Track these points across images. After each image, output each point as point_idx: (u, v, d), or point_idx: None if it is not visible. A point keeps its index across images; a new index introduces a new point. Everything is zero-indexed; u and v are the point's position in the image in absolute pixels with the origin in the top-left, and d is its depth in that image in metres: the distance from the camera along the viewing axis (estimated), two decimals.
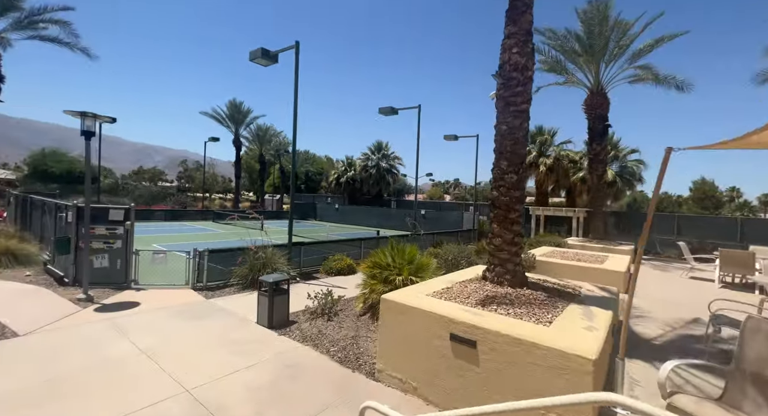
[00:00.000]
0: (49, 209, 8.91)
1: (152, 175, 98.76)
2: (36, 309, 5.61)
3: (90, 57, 14.55)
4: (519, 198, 4.28)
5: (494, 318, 3.32)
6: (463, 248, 9.28)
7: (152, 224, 21.80)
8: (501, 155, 4.35)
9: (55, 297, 6.25)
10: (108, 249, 7.15)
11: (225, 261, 7.90)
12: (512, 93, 4.17)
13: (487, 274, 4.49)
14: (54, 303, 5.93)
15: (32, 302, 5.94)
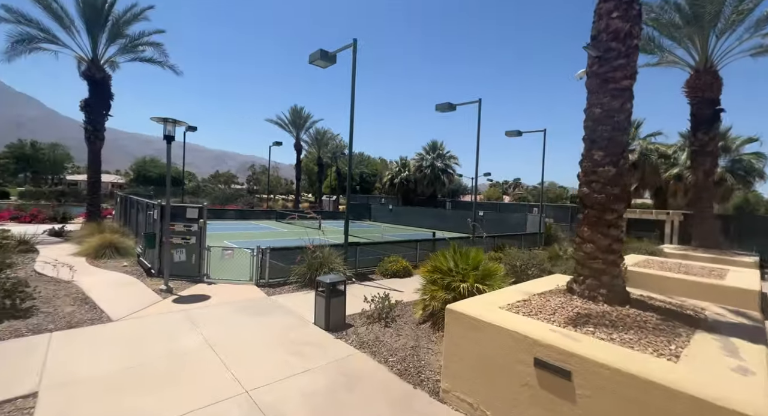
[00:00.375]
0: (142, 208, 10.08)
1: (226, 178, 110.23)
2: (127, 297, 6.23)
3: (177, 73, 16.45)
4: (618, 196, 3.49)
5: (593, 344, 2.66)
6: (533, 254, 8.32)
7: (224, 222, 23.95)
8: (593, 144, 3.59)
9: (143, 286, 6.93)
10: (185, 244, 7.76)
11: (285, 258, 8.09)
12: (611, 67, 3.41)
13: (575, 287, 3.75)
14: (141, 293, 6.55)
15: (125, 291, 6.63)
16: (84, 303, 5.69)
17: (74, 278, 6.97)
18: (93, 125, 13.71)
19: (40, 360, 3.86)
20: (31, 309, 5.10)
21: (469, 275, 4.99)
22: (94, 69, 13.60)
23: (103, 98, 13.97)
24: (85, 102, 13.69)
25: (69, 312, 5.25)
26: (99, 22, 13.41)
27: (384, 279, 9.04)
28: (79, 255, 9.23)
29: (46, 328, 4.69)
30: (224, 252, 7.83)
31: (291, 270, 7.92)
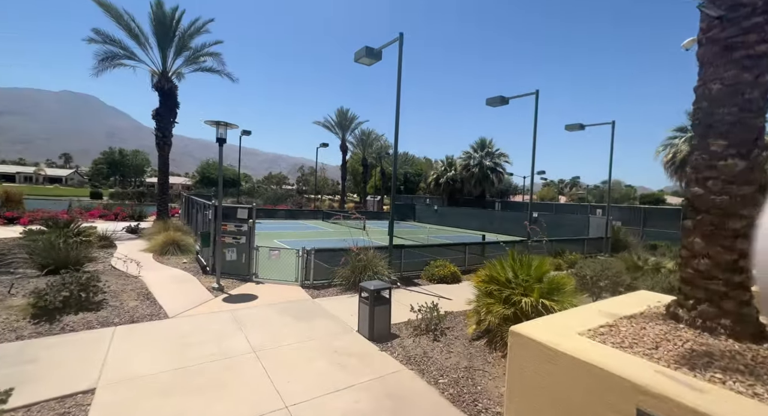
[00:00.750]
0: (199, 208, 10.73)
1: (278, 179, 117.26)
2: (183, 295, 6.53)
3: (232, 80, 17.55)
4: (749, 197, 2.66)
5: (728, 398, 1.97)
6: (606, 262, 7.22)
7: (275, 221, 25.10)
8: (710, 130, 2.80)
9: (197, 284, 7.25)
10: (236, 243, 8.02)
11: (329, 260, 7.99)
12: (740, 29, 2.60)
13: (681, 313, 2.98)
14: (196, 290, 6.84)
15: (182, 288, 6.98)
16: (146, 298, 6.04)
17: (140, 274, 7.53)
18: (162, 132, 15.07)
19: (102, 355, 4.06)
20: (101, 303, 5.51)
21: (532, 288, 4.33)
22: (163, 81, 14.93)
23: (171, 107, 15.29)
24: (156, 111, 15.09)
25: (133, 307, 5.58)
26: (168, 37, 14.69)
27: (430, 285, 8.55)
28: (147, 252, 10.07)
29: (112, 322, 5.00)
30: (271, 252, 7.95)
31: (335, 273, 7.80)
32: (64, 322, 4.81)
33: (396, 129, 8.64)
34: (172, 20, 14.52)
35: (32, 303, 4.85)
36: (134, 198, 38.66)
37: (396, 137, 8.74)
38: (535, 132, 11.79)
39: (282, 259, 8.14)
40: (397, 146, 8.96)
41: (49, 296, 4.90)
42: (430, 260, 9.52)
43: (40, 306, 4.83)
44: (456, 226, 26.97)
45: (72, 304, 5.09)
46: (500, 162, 30.43)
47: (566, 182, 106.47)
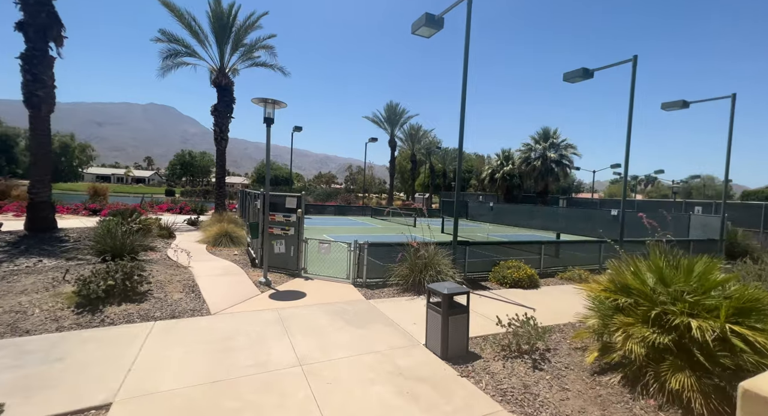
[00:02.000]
0: (251, 199, 10.49)
1: (327, 179, 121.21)
2: (228, 288, 6.02)
3: (285, 74, 17.58)
4: None
5: None
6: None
7: (325, 217, 25.06)
8: None
9: (244, 277, 6.74)
10: (284, 235, 7.41)
11: (384, 256, 7.03)
12: None
13: None
14: (242, 285, 6.30)
15: (229, 281, 6.50)
16: (191, 291, 5.60)
17: (190, 264, 7.26)
18: (219, 127, 15.44)
19: (131, 358, 3.49)
20: (146, 294, 5.13)
21: (703, 305, 2.84)
22: (220, 77, 15.28)
23: (228, 103, 15.61)
24: (214, 107, 15.51)
25: (176, 300, 5.12)
26: (225, 33, 14.98)
27: (502, 289, 7.16)
28: (202, 242, 10.05)
29: (152, 316, 4.53)
30: (320, 245, 7.20)
31: (390, 270, 6.81)
32: (105, 313, 4.44)
33: (462, 107, 7.37)
34: (228, 16, 14.76)
35: (76, 292, 4.56)
36: (200, 195, 41.98)
37: (462, 121, 7.46)
38: (632, 109, 9.63)
39: (332, 254, 7.37)
40: (462, 132, 7.67)
41: (93, 284, 4.57)
42: (499, 260, 8.10)
43: (83, 294, 4.51)
44: (514, 225, 24.54)
45: (116, 294, 4.74)
46: (567, 154, 27.05)
47: (640, 178, 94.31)
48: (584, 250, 9.83)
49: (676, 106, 12.99)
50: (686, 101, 12.86)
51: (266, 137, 6.43)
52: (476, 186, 57.65)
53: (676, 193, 23.49)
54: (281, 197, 7.51)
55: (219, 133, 15.53)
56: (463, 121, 7.39)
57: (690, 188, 44.94)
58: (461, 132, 7.44)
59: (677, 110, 12.64)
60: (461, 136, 7.44)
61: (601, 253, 9.85)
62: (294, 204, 7.41)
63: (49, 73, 9.92)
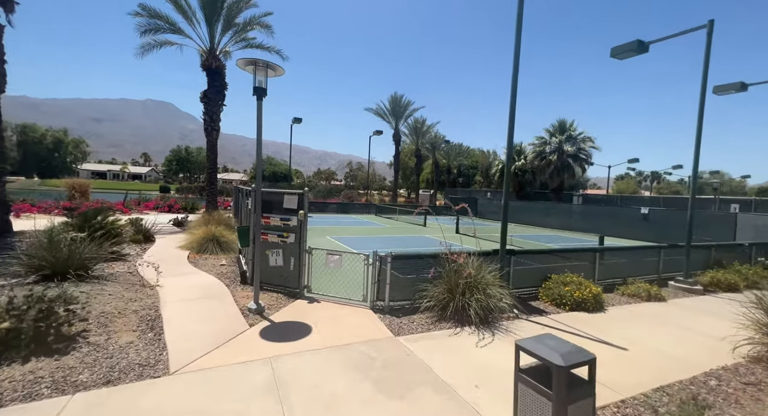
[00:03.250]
0: (243, 196, 8.84)
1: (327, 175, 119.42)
2: (204, 321, 4.38)
3: (283, 58, 15.85)
4: None
5: None
6: None
7: (326, 215, 23.42)
8: None
9: (229, 302, 5.10)
10: (281, 243, 5.78)
11: (411, 269, 5.40)
12: None
13: None
14: (224, 314, 4.67)
15: (207, 308, 4.86)
16: (149, 329, 3.97)
17: (160, 282, 5.61)
18: (210, 115, 13.74)
19: None
20: (76, 339, 3.50)
21: None
22: (211, 59, 13.55)
23: (219, 88, 13.89)
24: (204, 93, 13.80)
25: (122, 347, 3.50)
26: (215, 9, 13.24)
27: (561, 313, 5.55)
28: (184, 248, 8.41)
29: (74, 382, 2.91)
30: (329, 256, 5.57)
31: (420, 288, 5.20)
32: None
33: (514, 89, 5.71)
34: None
35: None
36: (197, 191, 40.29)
37: (512, 105, 5.79)
38: (704, 85, 7.97)
39: (344, 266, 5.75)
40: (513, 117, 6.00)
41: None
42: (549, 274, 6.49)
43: None
44: (529, 223, 22.92)
45: (22, 344, 3.10)
46: (585, 148, 25.32)
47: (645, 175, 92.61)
48: (631, 256, 8.12)
49: (731, 89, 11.24)
50: (744, 83, 11.11)
51: (257, 113, 4.76)
52: (480, 182, 55.99)
53: (716, 190, 21.78)
54: (278, 195, 5.87)
55: (209, 123, 13.83)
56: (514, 104, 5.73)
57: (702, 184, 43.33)
58: (512, 117, 5.78)
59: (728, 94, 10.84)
60: (511, 122, 5.78)
61: (660, 260, 8.23)
62: (294, 203, 5.77)
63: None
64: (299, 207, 5.73)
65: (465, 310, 4.72)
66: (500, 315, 4.99)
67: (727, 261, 8.81)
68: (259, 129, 4.77)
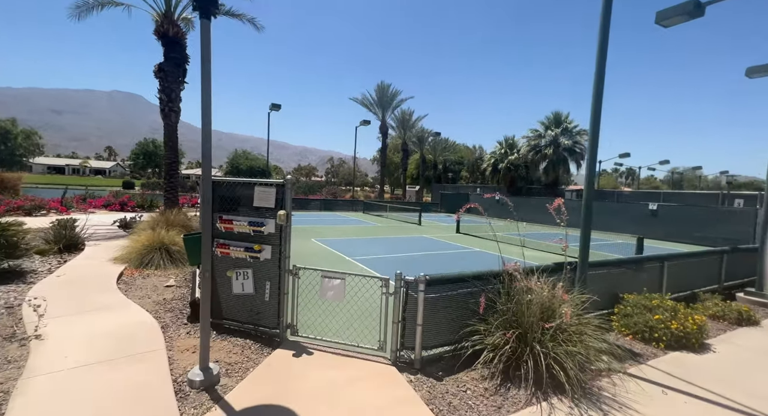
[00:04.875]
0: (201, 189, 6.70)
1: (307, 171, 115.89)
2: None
3: (258, 28, 13.54)
4: None
5: None
6: None
7: (309, 213, 21.25)
8: None
9: (158, 367, 3.06)
10: (252, 261, 3.80)
11: (445, 296, 3.57)
12: None
13: None
14: (141, 401, 2.65)
15: (111, 387, 2.83)
16: None
17: (40, 330, 3.48)
18: (167, 94, 11.29)
19: None
20: None
21: None
22: (167, 24, 11.08)
23: (178, 62, 11.45)
24: (159, 67, 11.31)
25: None
26: None
27: (656, 353, 3.91)
28: (120, 261, 6.20)
29: None
30: (325, 283, 3.63)
31: (467, 327, 3.41)
32: None
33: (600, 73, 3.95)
34: None
35: None
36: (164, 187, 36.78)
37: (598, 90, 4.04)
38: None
39: (349, 290, 3.84)
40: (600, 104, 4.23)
41: None
42: (620, 293, 4.86)
43: None
44: (525, 221, 21.67)
45: None
46: (581, 141, 24.34)
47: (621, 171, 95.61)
48: (689, 263, 6.66)
49: (762, 72, 10.03)
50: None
51: (201, 39, 2.74)
52: (467, 178, 55.05)
53: (730, 184, 21.24)
54: (246, 187, 3.87)
55: (167, 103, 11.38)
56: (600, 89, 4.00)
57: (682, 180, 44.20)
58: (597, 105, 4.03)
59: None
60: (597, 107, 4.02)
61: (723, 268, 6.82)
62: (270, 199, 3.79)
63: None
64: (279, 205, 3.76)
65: (549, 368, 2.95)
66: (594, 368, 3.26)
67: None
68: (207, 57, 2.74)
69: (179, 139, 12.38)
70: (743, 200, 17.63)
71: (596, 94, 4.08)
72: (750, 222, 12.98)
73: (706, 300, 5.73)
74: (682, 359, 3.82)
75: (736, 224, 13.46)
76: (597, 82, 4.08)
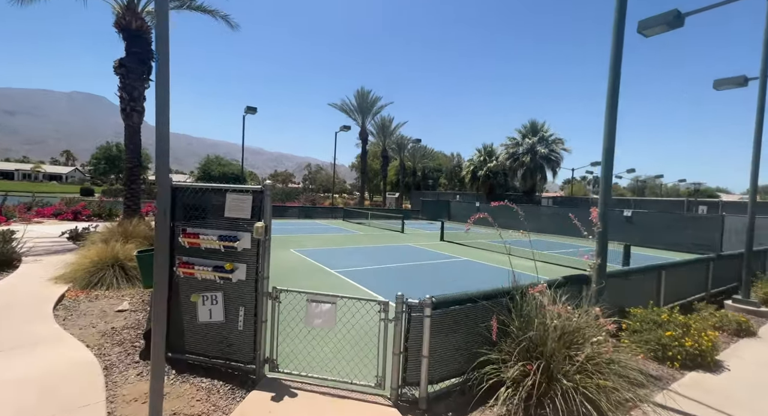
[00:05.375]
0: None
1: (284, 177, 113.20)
2: None
3: (231, 25, 12.78)
4: None
5: None
6: None
7: (287, 221, 20.35)
8: None
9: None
10: (222, 283, 3.17)
11: (451, 320, 3.10)
12: None
13: None
14: None
15: None
16: None
17: None
18: (129, 92, 10.30)
19: None
20: None
21: None
22: (129, 16, 10.16)
23: (142, 58, 10.51)
24: (120, 62, 10.32)
25: None
26: None
27: (672, 374, 3.63)
28: (62, 281, 5.28)
29: None
30: (311, 308, 3.06)
31: (477, 356, 2.95)
32: None
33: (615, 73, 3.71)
34: None
35: None
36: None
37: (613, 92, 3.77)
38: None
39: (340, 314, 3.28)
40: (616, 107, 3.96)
41: None
42: (626, 306, 4.62)
43: None
44: (506, 227, 21.82)
45: None
46: (556, 150, 25.08)
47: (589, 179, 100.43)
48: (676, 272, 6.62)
49: (732, 84, 10.49)
50: (747, 78, 10.42)
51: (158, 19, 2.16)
52: (446, 185, 55.62)
53: (697, 190, 22.50)
54: (215, 193, 3.25)
55: (128, 101, 10.37)
56: (615, 92, 3.76)
57: (645, 187, 46.83)
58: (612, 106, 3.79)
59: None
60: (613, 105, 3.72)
61: (710, 275, 6.83)
62: (246, 208, 3.19)
63: None
64: (256, 215, 3.17)
65: (581, 406, 2.53)
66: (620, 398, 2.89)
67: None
68: (164, 37, 2.16)
69: (145, 144, 11.37)
70: (707, 207, 18.68)
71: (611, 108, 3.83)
72: (716, 229, 13.59)
73: (701, 309, 5.62)
74: (702, 381, 3.54)
75: (704, 230, 14.03)
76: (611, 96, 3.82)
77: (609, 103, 3.85)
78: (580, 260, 8.95)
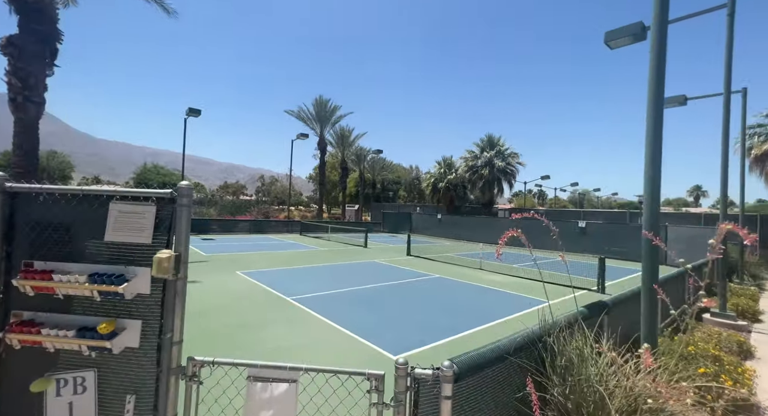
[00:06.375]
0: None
1: (235, 189, 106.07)
2: None
3: (168, 12, 11.05)
4: None
5: None
6: None
7: (236, 237, 18.18)
8: None
9: None
10: (95, 357, 1.83)
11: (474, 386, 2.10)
12: None
13: None
14: None
15: None
16: None
17: None
18: (20, 78, 8.12)
19: None
20: None
21: None
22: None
23: (42, 36, 8.43)
24: (8, 40, 8.15)
25: None
26: None
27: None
28: None
29: None
30: (258, 393, 1.86)
31: None
32: None
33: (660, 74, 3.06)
34: None
35: None
36: None
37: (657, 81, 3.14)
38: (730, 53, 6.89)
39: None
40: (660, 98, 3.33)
41: None
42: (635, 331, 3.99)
43: None
44: (466, 239, 21.79)
45: None
46: (512, 163, 26.03)
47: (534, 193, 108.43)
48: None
49: (674, 103, 11.20)
50: (686, 97, 11.19)
51: None
52: (405, 197, 55.79)
53: (641, 202, 24.32)
54: (92, 202, 1.93)
55: (21, 89, 8.19)
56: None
57: (584, 199, 51.15)
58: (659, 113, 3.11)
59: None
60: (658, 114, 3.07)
61: (686, 288, 6.71)
62: (145, 226, 1.91)
63: None
64: (163, 238, 1.91)
65: None
66: None
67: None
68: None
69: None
70: (640, 217, 20.26)
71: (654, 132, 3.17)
72: (661, 238, 14.48)
73: (694, 328, 5.28)
74: None
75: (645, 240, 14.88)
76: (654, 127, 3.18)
77: (650, 131, 3.22)
78: (555, 273, 8.59)
